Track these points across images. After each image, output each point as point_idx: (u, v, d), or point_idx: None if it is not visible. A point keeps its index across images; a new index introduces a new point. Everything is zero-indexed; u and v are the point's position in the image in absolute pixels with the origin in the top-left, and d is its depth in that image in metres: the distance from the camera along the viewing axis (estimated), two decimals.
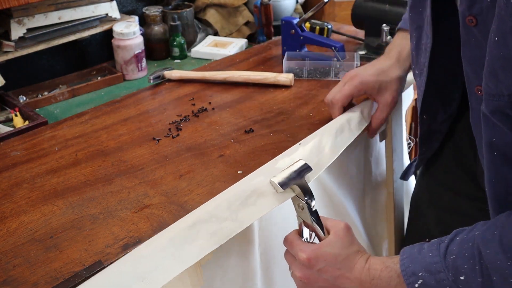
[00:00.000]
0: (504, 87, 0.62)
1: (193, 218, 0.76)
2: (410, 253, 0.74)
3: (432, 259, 0.71)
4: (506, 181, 0.71)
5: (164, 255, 0.70)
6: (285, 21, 1.40)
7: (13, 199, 0.89)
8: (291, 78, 1.26)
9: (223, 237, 0.75)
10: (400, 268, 0.74)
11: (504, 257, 0.65)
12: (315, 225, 0.80)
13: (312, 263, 0.78)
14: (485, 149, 0.71)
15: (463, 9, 0.68)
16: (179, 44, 1.62)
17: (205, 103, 1.21)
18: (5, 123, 1.26)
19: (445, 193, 1.08)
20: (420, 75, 0.91)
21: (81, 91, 1.42)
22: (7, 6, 1.25)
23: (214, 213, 0.76)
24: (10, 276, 0.72)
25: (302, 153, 0.90)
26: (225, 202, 0.78)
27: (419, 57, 0.90)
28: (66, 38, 1.43)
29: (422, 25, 0.86)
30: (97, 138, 1.07)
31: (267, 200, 0.80)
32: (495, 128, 0.67)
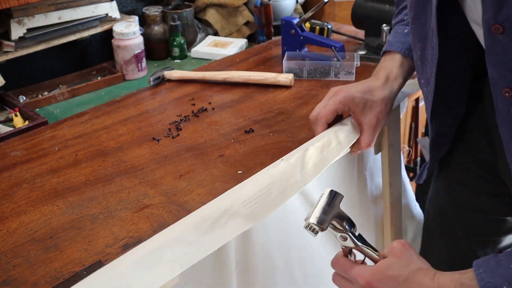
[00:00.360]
0: None
1: (157, 242, 0.72)
2: (487, 267, 0.70)
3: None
4: None
5: (121, 284, 0.67)
6: (285, 21, 1.40)
7: (13, 199, 0.89)
8: (291, 79, 1.26)
9: (185, 263, 0.71)
10: (478, 283, 0.69)
11: None
12: (365, 250, 0.77)
13: (373, 286, 0.74)
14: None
15: (488, 18, 0.67)
16: (179, 44, 1.62)
17: (205, 103, 1.21)
18: (5, 123, 1.26)
19: (464, 192, 1.07)
20: (427, 85, 0.91)
21: (81, 91, 1.42)
22: (7, 6, 1.25)
23: (180, 237, 0.72)
24: (10, 276, 0.72)
25: (284, 168, 0.86)
26: (193, 225, 0.74)
27: (425, 67, 0.90)
28: (66, 38, 1.43)
29: (426, 36, 0.86)
30: (97, 138, 1.07)
31: (238, 222, 0.77)
32: None
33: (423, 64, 0.91)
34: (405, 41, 1.02)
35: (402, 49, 1.02)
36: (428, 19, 0.83)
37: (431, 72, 0.87)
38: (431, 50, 0.85)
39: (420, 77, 0.94)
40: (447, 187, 1.11)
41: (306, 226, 0.75)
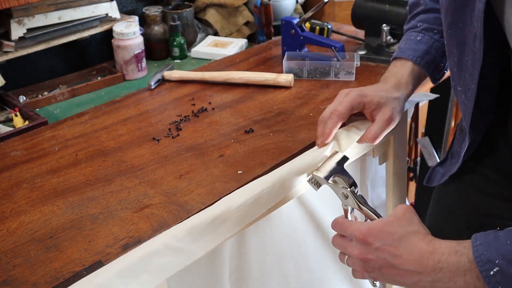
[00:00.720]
0: None
1: (145, 249, 0.70)
2: (485, 240, 0.71)
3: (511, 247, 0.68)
4: None
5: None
6: (285, 21, 1.40)
7: (13, 199, 0.89)
8: (290, 79, 1.26)
9: (171, 270, 0.70)
10: (473, 254, 0.70)
11: None
12: (366, 210, 0.79)
13: (369, 240, 0.75)
14: None
15: None
16: (179, 44, 1.62)
17: (205, 103, 1.21)
18: (5, 123, 1.26)
19: (476, 195, 1.06)
20: (466, 92, 0.88)
21: (81, 91, 1.42)
22: (7, 6, 1.25)
23: (168, 243, 0.71)
24: (10, 276, 0.72)
25: (280, 174, 0.84)
26: (183, 231, 0.73)
27: (463, 73, 0.87)
28: (66, 38, 1.43)
29: (465, 41, 0.83)
30: (97, 138, 1.07)
31: (228, 226, 0.76)
32: None
33: (461, 71, 0.87)
34: (417, 48, 1.00)
35: (413, 57, 1.00)
36: (467, 24, 0.81)
37: (472, 78, 0.84)
38: (472, 56, 0.82)
39: (456, 84, 0.90)
40: (457, 188, 1.09)
41: (309, 179, 0.79)
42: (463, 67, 0.87)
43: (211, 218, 0.74)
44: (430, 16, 1.02)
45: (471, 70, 0.83)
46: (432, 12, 1.02)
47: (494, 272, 0.69)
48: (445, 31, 0.88)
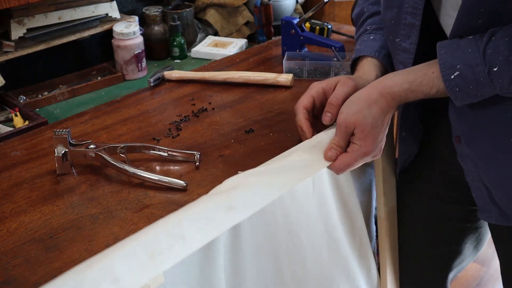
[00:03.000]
0: None
1: (146, 235, 0.68)
2: (449, 48, 0.79)
3: (471, 54, 0.76)
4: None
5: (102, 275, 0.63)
6: (285, 21, 1.40)
7: (13, 199, 0.89)
8: (290, 79, 1.26)
9: (174, 259, 0.68)
10: (439, 62, 0.79)
11: None
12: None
13: (347, 131, 0.84)
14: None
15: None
16: (179, 44, 1.62)
17: (205, 103, 1.21)
18: (5, 123, 1.26)
19: (428, 201, 1.12)
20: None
21: (81, 91, 1.42)
22: (7, 6, 1.25)
23: (170, 231, 0.69)
24: (11, 276, 0.72)
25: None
26: (185, 219, 0.71)
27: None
28: (66, 38, 1.43)
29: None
30: (97, 138, 1.07)
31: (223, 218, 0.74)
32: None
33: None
34: (372, 45, 1.02)
35: (371, 52, 1.01)
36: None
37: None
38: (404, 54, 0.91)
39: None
40: (412, 198, 1.15)
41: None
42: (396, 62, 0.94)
43: (216, 205, 0.74)
44: (376, 18, 1.05)
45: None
46: (377, 15, 1.05)
47: (454, 76, 0.78)
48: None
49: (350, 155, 0.85)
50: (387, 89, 0.84)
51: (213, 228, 0.71)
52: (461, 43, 0.78)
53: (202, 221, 0.71)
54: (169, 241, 0.68)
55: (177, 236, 0.68)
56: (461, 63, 0.77)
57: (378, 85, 0.85)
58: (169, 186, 0.89)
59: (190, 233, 0.69)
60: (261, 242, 0.96)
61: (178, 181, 0.89)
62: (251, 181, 0.78)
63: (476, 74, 0.76)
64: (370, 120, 0.83)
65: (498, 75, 0.75)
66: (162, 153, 0.98)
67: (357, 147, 0.85)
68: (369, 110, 0.83)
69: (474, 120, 0.86)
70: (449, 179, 1.05)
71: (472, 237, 1.13)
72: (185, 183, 0.89)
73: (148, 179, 0.90)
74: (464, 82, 0.78)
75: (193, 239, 0.69)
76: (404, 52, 0.90)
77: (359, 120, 0.83)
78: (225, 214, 0.73)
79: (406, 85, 0.83)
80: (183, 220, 0.70)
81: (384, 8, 0.93)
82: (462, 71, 0.77)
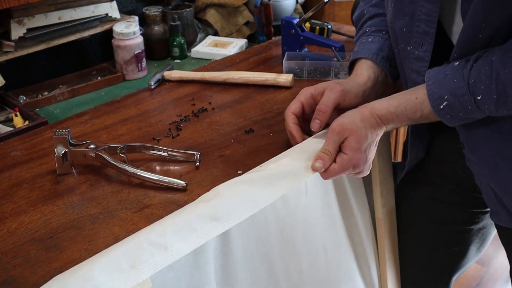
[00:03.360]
0: None
1: (129, 243, 0.70)
2: (436, 79, 0.82)
3: (457, 84, 0.80)
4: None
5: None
6: (285, 21, 1.40)
7: (13, 199, 0.89)
8: (290, 79, 1.26)
9: (156, 267, 0.69)
10: (427, 92, 0.83)
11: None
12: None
13: (340, 138, 0.85)
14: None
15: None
16: (179, 44, 1.62)
17: (205, 103, 1.21)
18: (5, 123, 1.26)
19: (428, 203, 1.12)
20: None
21: (81, 91, 1.42)
22: (7, 6, 1.25)
23: (152, 240, 0.70)
24: (11, 276, 0.72)
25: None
26: (167, 228, 0.72)
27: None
28: (66, 38, 1.43)
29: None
30: (97, 138, 1.07)
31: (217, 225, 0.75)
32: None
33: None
34: (370, 47, 1.02)
35: (368, 54, 1.01)
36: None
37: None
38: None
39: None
40: (412, 199, 1.16)
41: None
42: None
43: (199, 214, 0.74)
44: (376, 20, 1.06)
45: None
46: (377, 17, 1.06)
47: (443, 106, 0.81)
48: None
49: (339, 165, 0.86)
50: (376, 111, 0.87)
51: (196, 238, 0.72)
52: (448, 71, 0.81)
53: (185, 231, 0.72)
54: (152, 250, 0.69)
55: (159, 246, 0.70)
56: (448, 93, 0.80)
57: (368, 106, 0.88)
58: (169, 186, 0.89)
59: (173, 243, 0.70)
60: (253, 246, 0.95)
61: (178, 181, 0.89)
62: (237, 190, 0.78)
63: (463, 103, 0.80)
64: (365, 132, 0.85)
65: (483, 102, 0.78)
66: (162, 153, 0.98)
67: (348, 158, 0.85)
68: (363, 124, 0.86)
69: (473, 128, 0.87)
70: (455, 183, 1.05)
71: (475, 238, 1.13)
72: (185, 183, 0.89)
73: (148, 179, 0.90)
74: (453, 110, 0.81)
75: (175, 249, 0.70)
76: (417, 60, 0.89)
77: (354, 130, 0.85)
78: (208, 224, 0.74)
79: (392, 109, 0.86)
80: (167, 230, 0.71)
81: (394, 17, 0.92)
82: (450, 101, 0.81)
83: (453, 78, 0.80)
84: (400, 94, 0.87)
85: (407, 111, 0.85)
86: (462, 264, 1.17)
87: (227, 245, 0.89)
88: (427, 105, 0.83)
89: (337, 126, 0.85)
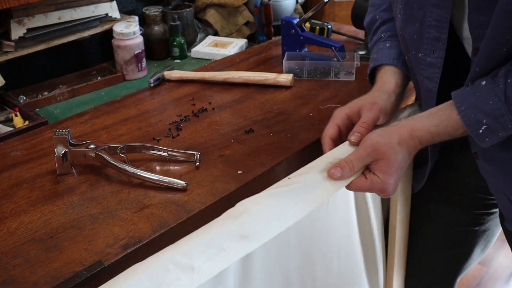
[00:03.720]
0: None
1: (153, 265, 0.65)
2: (469, 104, 0.78)
3: (494, 105, 0.76)
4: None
5: None
6: (285, 21, 1.40)
7: (13, 199, 0.89)
8: (290, 79, 1.26)
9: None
10: (461, 118, 0.79)
11: None
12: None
13: (371, 156, 0.80)
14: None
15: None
16: (179, 44, 1.62)
17: (205, 103, 1.21)
18: (5, 123, 1.26)
19: (438, 207, 1.12)
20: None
21: (81, 91, 1.42)
22: (7, 6, 1.25)
23: (179, 261, 0.66)
24: (11, 276, 0.72)
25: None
26: (195, 249, 0.68)
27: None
28: (66, 38, 1.43)
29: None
30: (97, 138, 1.07)
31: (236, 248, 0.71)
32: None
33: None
34: (389, 53, 0.99)
35: (389, 60, 0.98)
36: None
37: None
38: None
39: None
40: (419, 203, 1.15)
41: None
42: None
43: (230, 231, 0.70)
44: (390, 25, 1.03)
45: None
46: (390, 21, 1.03)
47: (482, 130, 0.78)
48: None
49: (367, 184, 0.82)
50: (415, 132, 0.82)
51: (225, 258, 0.68)
52: (478, 93, 0.77)
53: (213, 250, 0.68)
54: (177, 272, 0.65)
55: (186, 267, 0.65)
56: (486, 117, 0.77)
57: (407, 126, 0.82)
58: (169, 186, 0.89)
59: (200, 264, 0.66)
60: (272, 258, 0.92)
61: (178, 181, 0.89)
62: (266, 205, 0.74)
63: (503, 123, 0.76)
64: (400, 157, 0.81)
65: None
66: (162, 153, 0.98)
67: (378, 180, 0.81)
68: (400, 147, 0.81)
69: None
70: (461, 185, 1.05)
71: (480, 240, 1.13)
72: (185, 183, 0.89)
73: (148, 179, 0.90)
74: (493, 132, 0.77)
75: (202, 270, 0.66)
76: (430, 67, 0.87)
77: (388, 154, 0.80)
78: (237, 243, 0.69)
79: (433, 129, 0.81)
80: (193, 250, 0.67)
81: (403, 23, 0.90)
82: (489, 124, 0.77)
83: (486, 99, 0.76)
84: (439, 110, 0.82)
85: (448, 128, 0.81)
86: (466, 265, 1.17)
87: (247, 257, 0.86)
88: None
89: (370, 146, 0.81)
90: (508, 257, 2.04)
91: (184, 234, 0.70)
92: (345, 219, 1.06)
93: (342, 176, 0.80)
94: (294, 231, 0.94)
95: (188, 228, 0.83)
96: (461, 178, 1.04)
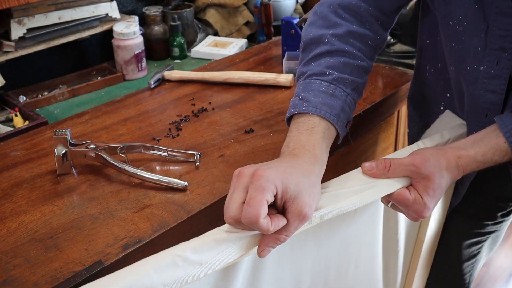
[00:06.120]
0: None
1: (161, 261, 0.64)
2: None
3: None
4: None
5: None
6: (285, 21, 1.40)
7: (13, 199, 0.89)
8: (290, 79, 1.26)
9: (188, 281, 0.64)
10: (510, 145, 0.77)
11: None
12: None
13: (416, 172, 0.74)
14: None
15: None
16: (179, 44, 1.62)
17: (205, 103, 1.21)
18: (5, 123, 1.26)
19: (458, 218, 1.10)
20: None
21: (81, 91, 1.42)
22: (7, 6, 1.25)
23: (187, 257, 0.64)
24: (11, 276, 0.72)
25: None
26: (204, 244, 0.66)
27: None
28: (66, 38, 1.43)
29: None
30: (97, 138, 1.07)
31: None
32: None
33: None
34: (332, 104, 0.80)
35: (330, 115, 0.80)
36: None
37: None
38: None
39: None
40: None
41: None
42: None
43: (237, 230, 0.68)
44: (338, 61, 0.84)
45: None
46: (340, 56, 0.85)
47: None
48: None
49: (409, 201, 0.75)
50: (461, 160, 0.77)
51: (234, 252, 0.67)
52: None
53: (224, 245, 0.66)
54: (186, 266, 0.64)
55: (194, 262, 0.64)
56: None
57: (454, 153, 0.77)
58: (169, 186, 0.89)
59: (208, 258, 0.65)
60: (283, 258, 0.92)
61: (178, 181, 0.89)
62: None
63: None
64: (444, 184, 0.75)
65: None
66: (162, 153, 0.98)
67: (421, 201, 0.75)
68: (446, 173, 0.75)
69: None
70: (486, 197, 1.03)
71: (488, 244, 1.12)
72: (185, 183, 0.89)
73: (148, 179, 0.90)
74: None
75: (210, 263, 0.65)
76: (494, 79, 0.82)
77: (436, 175, 0.74)
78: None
79: (479, 158, 0.78)
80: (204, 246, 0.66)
81: (466, 36, 0.84)
82: None
83: None
84: (484, 138, 0.79)
85: (495, 156, 0.77)
86: (476, 271, 1.16)
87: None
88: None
89: (420, 159, 0.74)
90: (508, 257, 2.04)
91: (184, 234, 0.70)
92: (371, 230, 1.03)
93: (373, 173, 0.75)
94: (312, 235, 0.93)
95: (188, 228, 0.84)
96: (485, 188, 1.02)
